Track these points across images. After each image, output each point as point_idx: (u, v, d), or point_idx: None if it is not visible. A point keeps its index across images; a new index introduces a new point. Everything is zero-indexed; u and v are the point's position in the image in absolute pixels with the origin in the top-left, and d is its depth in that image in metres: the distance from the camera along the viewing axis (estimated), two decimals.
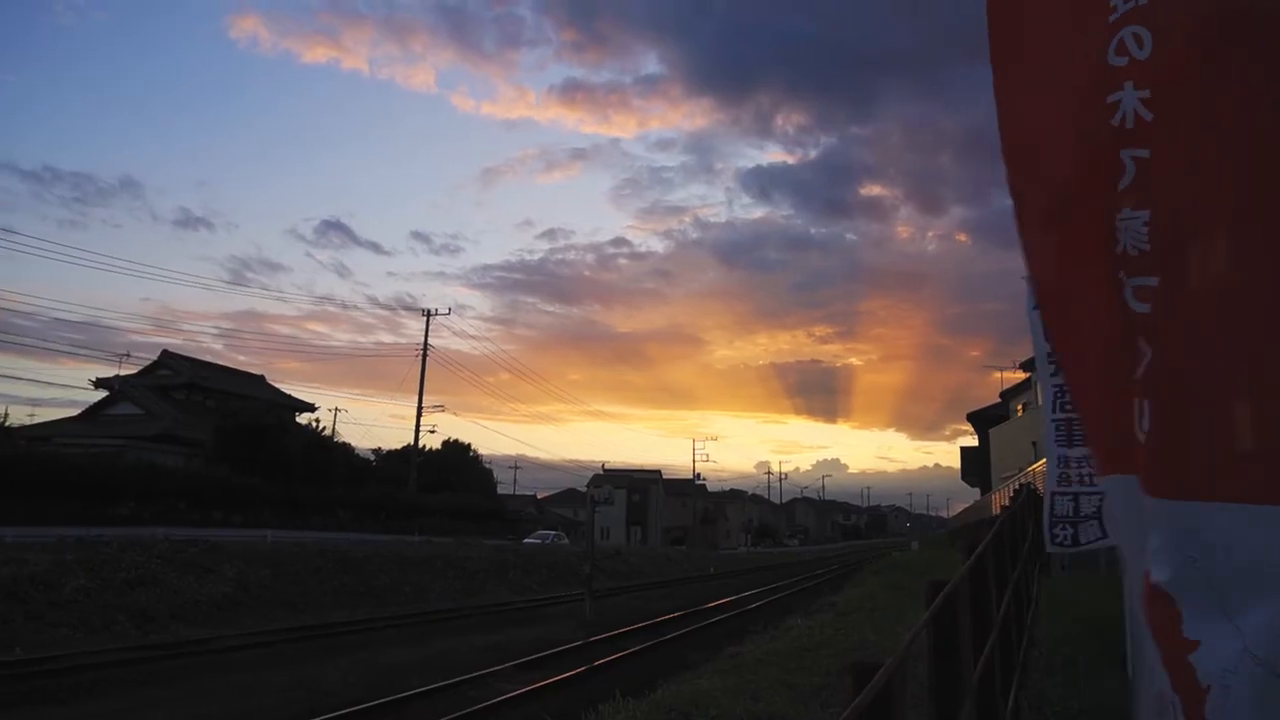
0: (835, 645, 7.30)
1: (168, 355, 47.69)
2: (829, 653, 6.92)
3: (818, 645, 7.39)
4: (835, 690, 5.35)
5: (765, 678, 5.87)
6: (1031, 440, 34.56)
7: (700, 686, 5.82)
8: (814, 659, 6.64)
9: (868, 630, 8.31)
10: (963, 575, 2.99)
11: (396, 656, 13.83)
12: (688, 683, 6.11)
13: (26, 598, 14.92)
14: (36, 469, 24.85)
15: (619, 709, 5.43)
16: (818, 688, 5.51)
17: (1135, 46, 1.30)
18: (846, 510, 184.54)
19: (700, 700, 5.18)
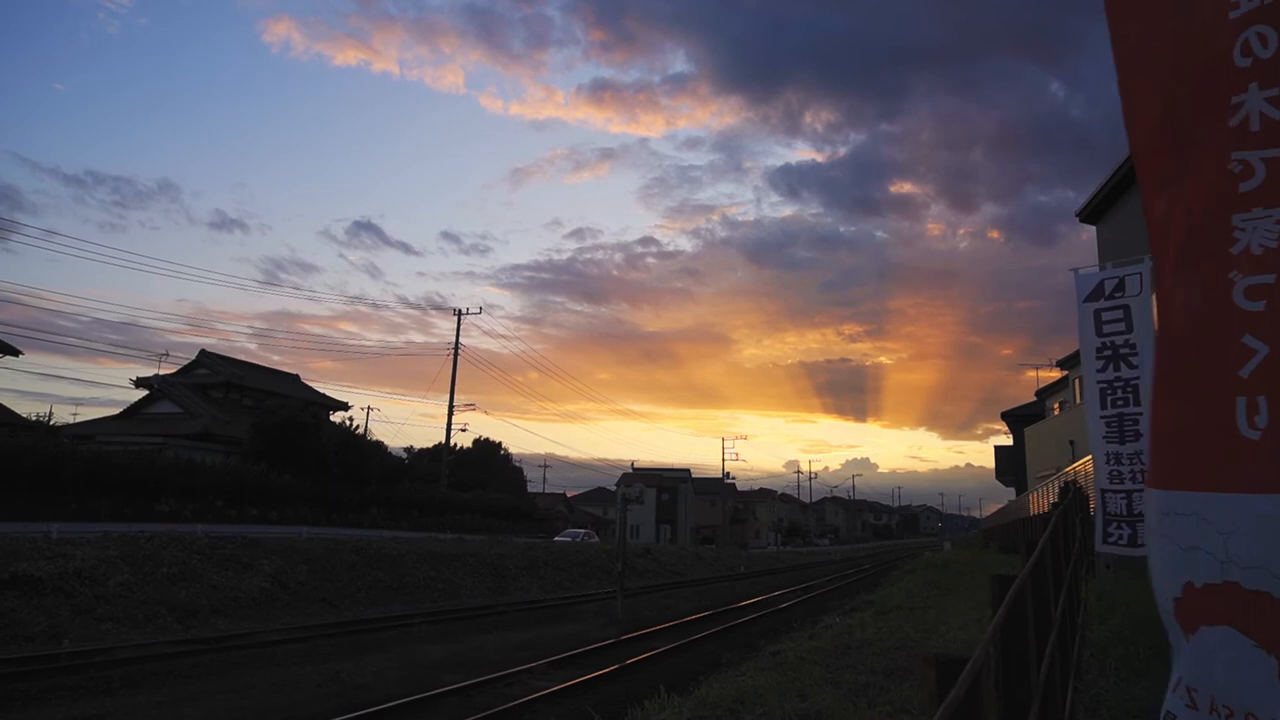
0: (877, 644, 7.22)
1: (205, 355, 48.51)
2: (872, 651, 6.84)
3: (860, 644, 7.30)
4: (881, 689, 5.30)
5: (809, 676, 5.82)
6: (1069, 439, 34.02)
7: (744, 684, 5.78)
8: (857, 657, 6.57)
9: (909, 629, 8.21)
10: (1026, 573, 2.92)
11: (431, 653, 13.94)
12: (731, 681, 6.06)
13: (73, 592, 15.25)
14: (81, 466, 25.39)
15: (664, 705, 5.40)
16: (863, 686, 5.45)
17: (1260, 46, 1.28)
18: (877, 510, 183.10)
19: (746, 698, 5.15)
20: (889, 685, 5.50)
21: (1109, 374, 5.64)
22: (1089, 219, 27.11)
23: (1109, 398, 5.58)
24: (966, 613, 9.10)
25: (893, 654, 6.69)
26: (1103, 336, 5.72)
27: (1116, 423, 5.52)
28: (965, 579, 16.48)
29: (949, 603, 11.15)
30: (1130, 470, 5.45)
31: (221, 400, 46.01)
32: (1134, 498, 5.46)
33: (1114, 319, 5.75)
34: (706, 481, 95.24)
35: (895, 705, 4.93)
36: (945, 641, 7.21)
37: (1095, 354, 5.68)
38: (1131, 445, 5.43)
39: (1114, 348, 5.68)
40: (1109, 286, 5.82)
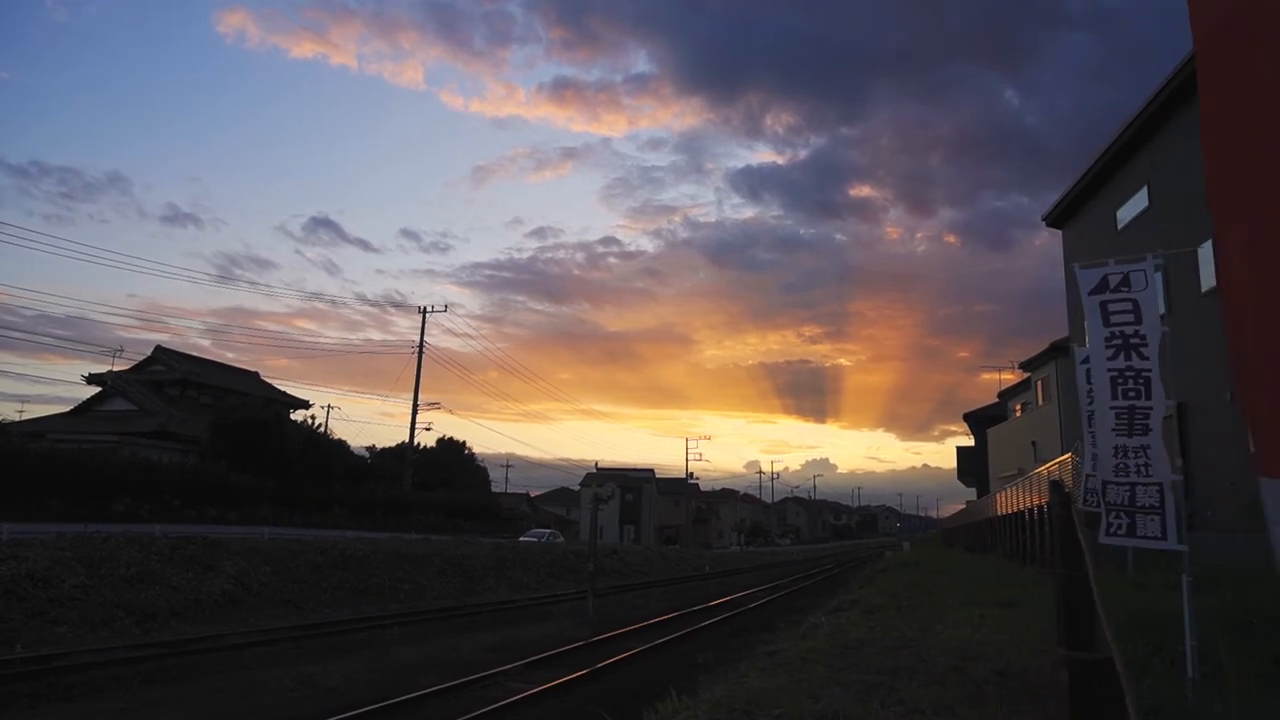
0: (877, 644, 7.16)
1: (161, 351, 47.30)
2: (872, 651, 6.78)
3: (858, 644, 7.24)
4: (890, 689, 5.22)
5: (814, 676, 5.73)
6: (1032, 440, 34.63)
7: (752, 685, 5.67)
8: (859, 657, 6.50)
9: (906, 628, 8.17)
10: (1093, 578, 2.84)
11: (402, 655, 13.64)
12: (737, 682, 5.95)
13: (26, 595, 14.67)
14: (32, 465, 24.56)
15: (678, 709, 5.27)
16: (871, 686, 5.37)
17: None
18: (837, 510, 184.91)
19: (758, 699, 5.04)
20: (897, 685, 5.43)
21: (1120, 362, 5.64)
22: (1055, 223, 27.57)
23: (1120, 387, 5.57)
24: (957, 611, 9.12)
25: (894, 653, 6.63)
26: (1111, 326, 5.72)
27: (1127, 415, 5.53)
28: (942, 578, 16.60)
29: (934, 601, 11.17)
30: (1136, 463, 5.46)
31: (178, 398, 44.89)
32: (1137, 490, 5.47)
33: (1122, 309, 5.75)
34: (670, 482, 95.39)
35: (908, 705, 4.86)
36: (945, 641, 7.19)
37: (1105, 343, 5.68)
38: (1139, 439, 5.44)
39: (1124, 337, 5.69)
40: (1114, 280, 5.82)
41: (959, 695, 5.06)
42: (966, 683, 5.45)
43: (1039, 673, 5.89)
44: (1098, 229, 23.78)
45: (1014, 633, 7.59)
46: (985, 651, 6.56)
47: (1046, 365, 33.45)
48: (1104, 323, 5.74)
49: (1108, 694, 1.45)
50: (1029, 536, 18.76)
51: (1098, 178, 23.35)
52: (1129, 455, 5.49)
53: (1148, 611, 6.85)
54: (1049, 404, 33.09)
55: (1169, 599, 7.05)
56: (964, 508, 57.56)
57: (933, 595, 12.34)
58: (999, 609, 9.47)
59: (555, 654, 13.37)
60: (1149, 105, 19.43)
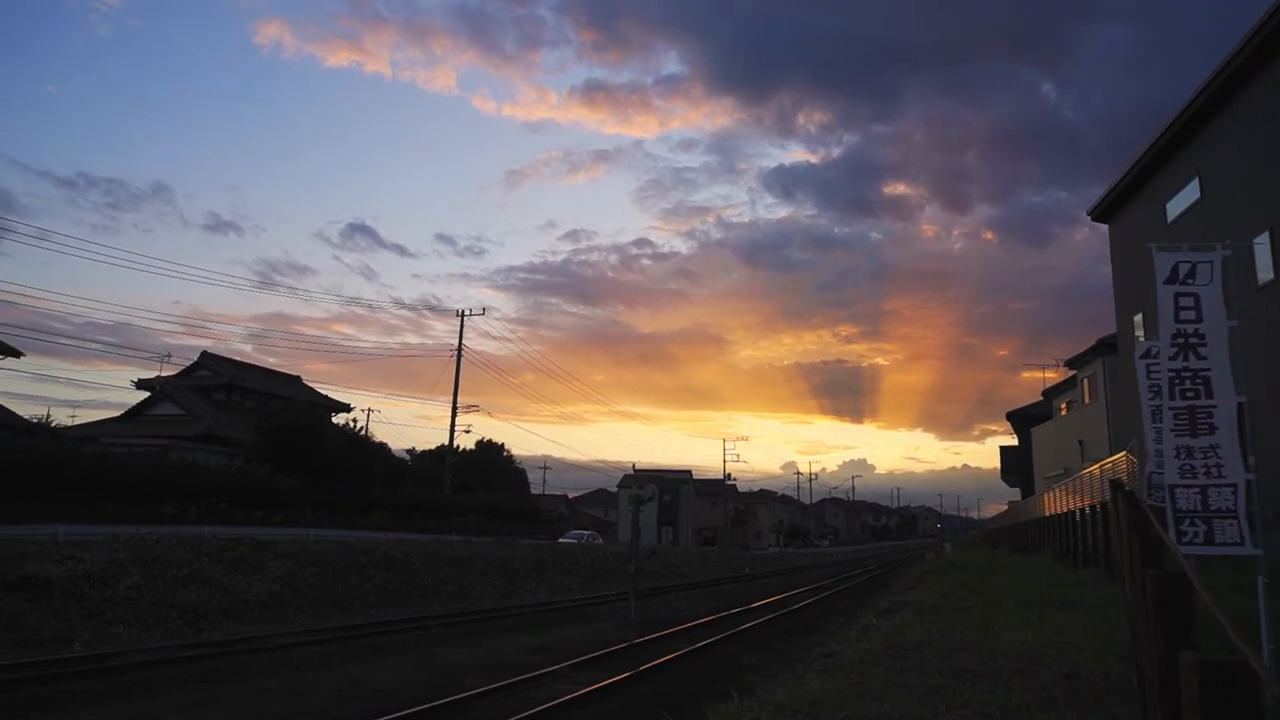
0: (935, 646, 7.01)
1: (207, 356, 48.24)
2: (932, 653, 6.63)
3: (915, 646, 7.10)
4: (955, 692, 5.10)
5: (874, 679, 5.61)
6: (1078, 439, 33.90)
7: (812, 688, 5.57)
8: (918, 659, 6.36)
9: (964, 630, 7.99)
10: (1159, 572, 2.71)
11: (448, 656, 13.71)
12: (796, 684, 5.85)
13: (83, 595, 15.01)
14: (85, 468, 25.12)
15: (741, 710, 5.19)
16: (935, 689, 5.24)
17: None
18: (876, 511, 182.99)
19: (819, 701, 4.94)
20: (961, 688, 5.30)
21: (1179, 363, 5.45)
22: (1100, 218, 26.96)
23: (1178, 388, 5.39)
24: (1013, 613, 8.92)
25: (954, 655, 6.47)
26: (1179, 323, 5.53)
27: (1187, 415, 5.33)
28: (992, 580, 16.29)
29: (988, 603, 10.92)
30: (1204, 464, 5.26)
31: (224, 402, 45.74)
32: (1209, 492, 5.26)
33: (1187, 305, 5.56)
34: (707, 483, 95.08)
35: (974, 708, 4.73)
36: (1005, 643, 7.01)
37: (1170, 340, 5.50)
38: (1205, 439, 5.24)
39: (1185, 336, 5.50)
40: (1183, 271, 5.63)
41: (1026, 698, 4.91)
42: (1033, 686, 5.30)
43: (1106, 675, 5.71)
44: (1146, 222, 23.20)
45: (1075, 635, 7.39)
46: (1048, 654, 6.38)
47: (1093, 362, 32.72)
48: (1174, 318, 5.55)
49: (1243, 701, 1.35)
50: (1080, 537, 18.33)
51: (1146, 170, 22.78)
52: (1195, 456, 5.29)
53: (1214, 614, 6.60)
54: (1096, 402, 32.36)
55: (1236, 602, 6.81)
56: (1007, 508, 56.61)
57: (985, 597, 12.08)
58: (1056, 611, 9.23)
59: (600, 655, 13.34)
60: (1199, 95, 18.90)
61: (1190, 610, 2.40)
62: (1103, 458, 20.36)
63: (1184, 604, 2.37)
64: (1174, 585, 2.40)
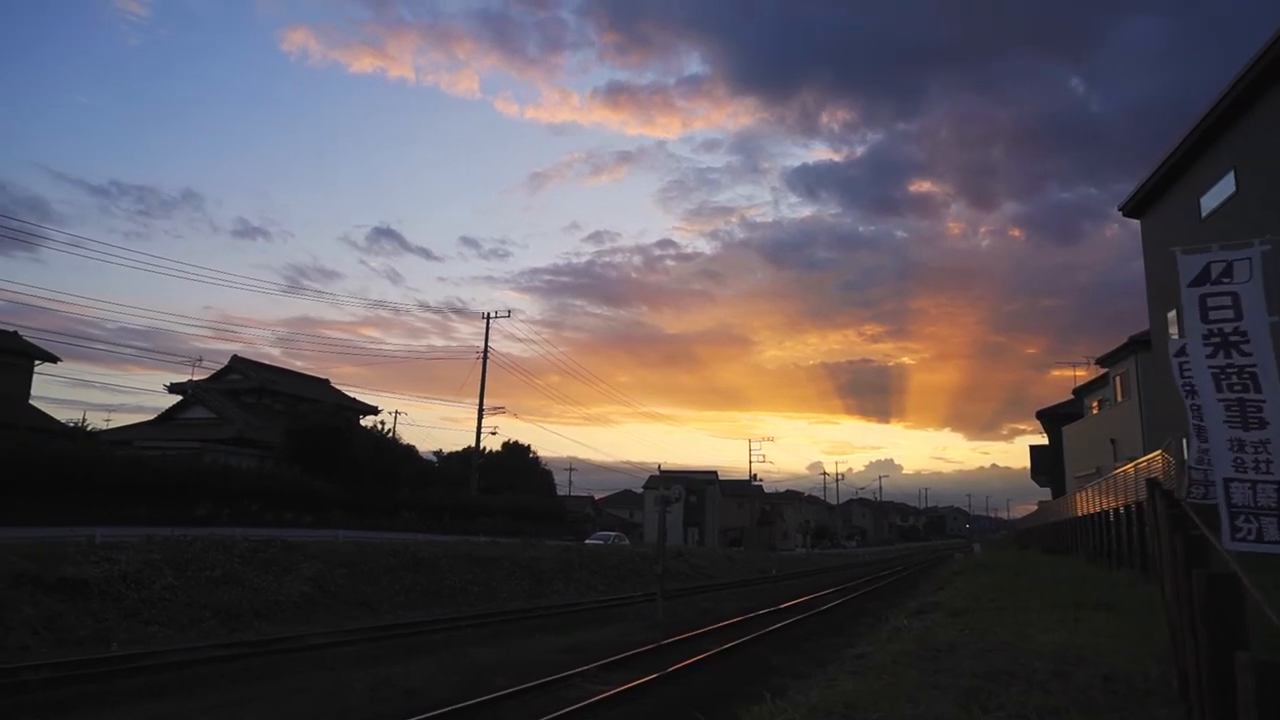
0: (969, 647, 6.92)
1: (237, 360, 48.87)
2: (966, 654, 6.55)
3: (948, 647, 7.02)
4: (990, 694, 5.03)
5: (908, 680, 5.55)
6: (1111, 438, 33.40)
7: (845, 689, 5.53)
8: (951, 661, 6.29)
9: (998, 632, 7.89)
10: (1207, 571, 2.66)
11: (478, 656, 13.78)
12: (829, 685, 5.82)
13: (120, 596, 15.27)
14: (120, 471, 25.55)
15: (775, 711, 5.17)
16: (970, 690, 5.17)
17: None
18: (904, 511, 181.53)
19: (853, 702, 4.90)
20: (997, 689, 5.22)
21: (1219, 360, 5.36)
22: (1132, 213, 26.54)
23: (1224, 383, 5.29)
24: (1048, 614, 8.80)
25: (989, 656, 6.39)
26: (1209, 323, 5.43)
27: (1238, 407, 5.23)
28: (1023, 581, 16.09)
29: (1021, 604, 10.78)
30: (1254, 459, 5.16)
31: (254, 405, 46.30)
32: (1259, 489, 5.15)
33: (1221, 305, 5.46)
34: (733, 484, 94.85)
35: (1011, 710, 4.67)
36: (1040, 644, 6.91)
37: (1203, 340, 5.40)
38: (1256, 433, 5.13)
39: (1223, 335, 5.40)
40: (1215, 270, 5.53)
41: (1064, 701, 4.84)
42: (1070, 688, 5.22)
43: (1146, 678, 5.62)
44: (1180, 218, 22.81)
45: (1112, 636, 7.27)
46: (1085, 656, 6.29)
47: (1126, 360, 32.23)
48: (1202, 318, 5.45)
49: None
50: (1115, 537, 18.05)
51: (1179, 164, 22.40)
52: (1246, 450, 5.19)
53: (1260, 613, 6.47)
54: (1129, 400, 31.87)
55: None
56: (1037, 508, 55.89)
57: (1017, 598, 11.94)
58: (1091, 612, 9.09)
59: (628, 656, 13.34)
60: (1235, 86, 18.55)
61: (1240, 610, 2.35)
62: (1136, 457, 20.04)
63: (1234, 604, 2.32)
64: (1224, 585, 2.35)
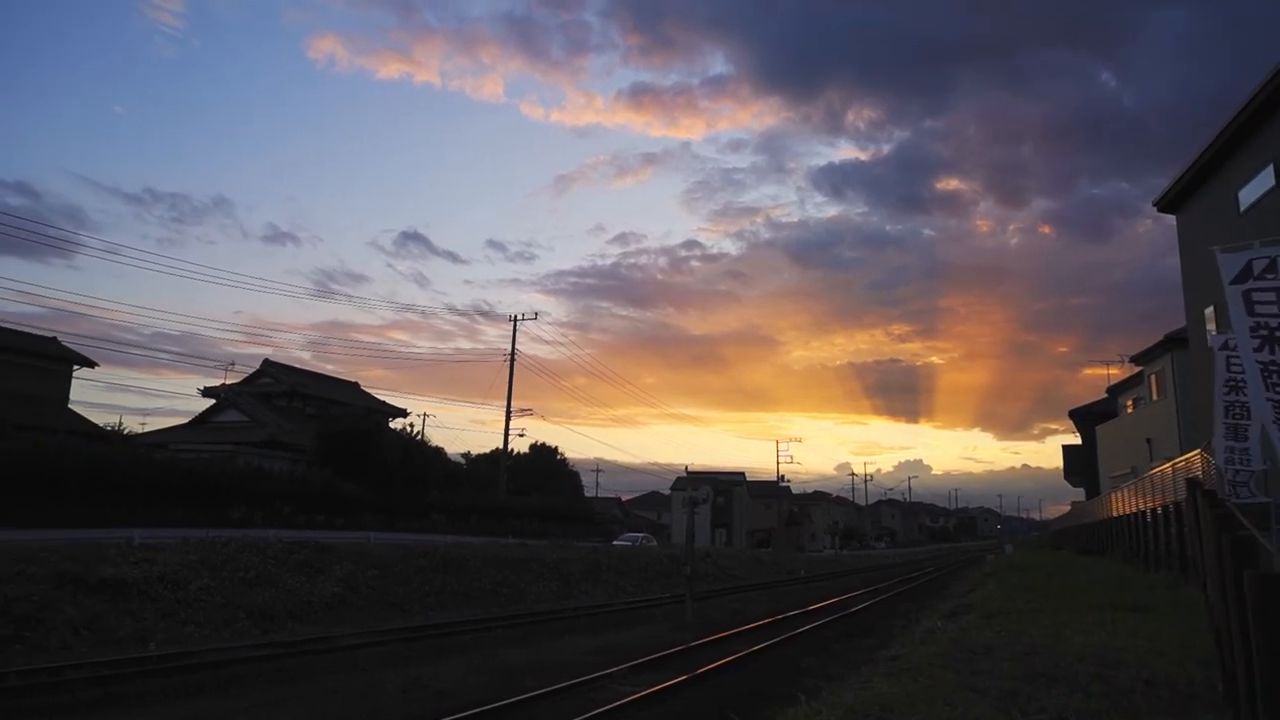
0: (1006, 649, 6.83)
1: (269, 364, 49.51)
2: (1003, 657, 6.46)
3: (983, 649, 6.92)
4: (1029, 697, 4.95)
5: (944, 682, 5.48)
6: (1146, 437, 32.83)
7: (880, 690, 5.47)
8: (988, 663, 6.20)
9: (1034, 634, 7.78)
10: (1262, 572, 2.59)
11: (508, 657, 13.82)
12: (864, 687, 5.76)
13: (158, 596, 15.51)
14: (156, 474, 26.00)
15: (812, 713, 5.12)
16: (1008, 693, 5.10)
17: None
18: (933, 512, 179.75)
19: (889, 705, 4.85)
20: (1036, 692, 5.14)
21: (1265, 355, 5.25)
22: (1167, 208, 26.07)
23: (1269, 380, 5.17)
24: (1085, 616, 8.66)
25: (1027, 659, 6.30)
26: (1255, 317, 5.32)
27: None
28: (1058, 582, 15.85)
29: (1057, 606, 10.62)
30: None
31: (285, 408, 46.88)
32: None
33: (1266, 300, 5.35)
34: (761, 485, 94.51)
35: (1051, 714, 4.59)
36: (1078, 647, 6.80)
37: (1250, 333, 5.29)
38: None
39: (1269, 329, 5.28)
40: (1258, 267, 5.42)
41: (1105, 704, 4.76)
42: (1111, 691, 5.13)
43: (1189, 681, 5.50)
44: (1216, 212, 22.38)
45: (1152, 639, 7.13)
46: (1125, 658, 6.17)
47: (1161, 358, 31.66)
48: (1248, 312, 5.34)
49: None
50: (1152, 538, 17.73)
51: (1216, 157, 21.97)
52: None
53: None
54: (1165, 399, 31.30)
55: None
56: (1070, 509, 55.11)
57: (1053, 600, 11.75)
58: (1130, 614, 8.92)
59: (658, 657, 13.32)
60: (1275, 78, 18.16)
61: None
62: (1173, 456, 19.68)
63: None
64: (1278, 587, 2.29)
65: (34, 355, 36.23)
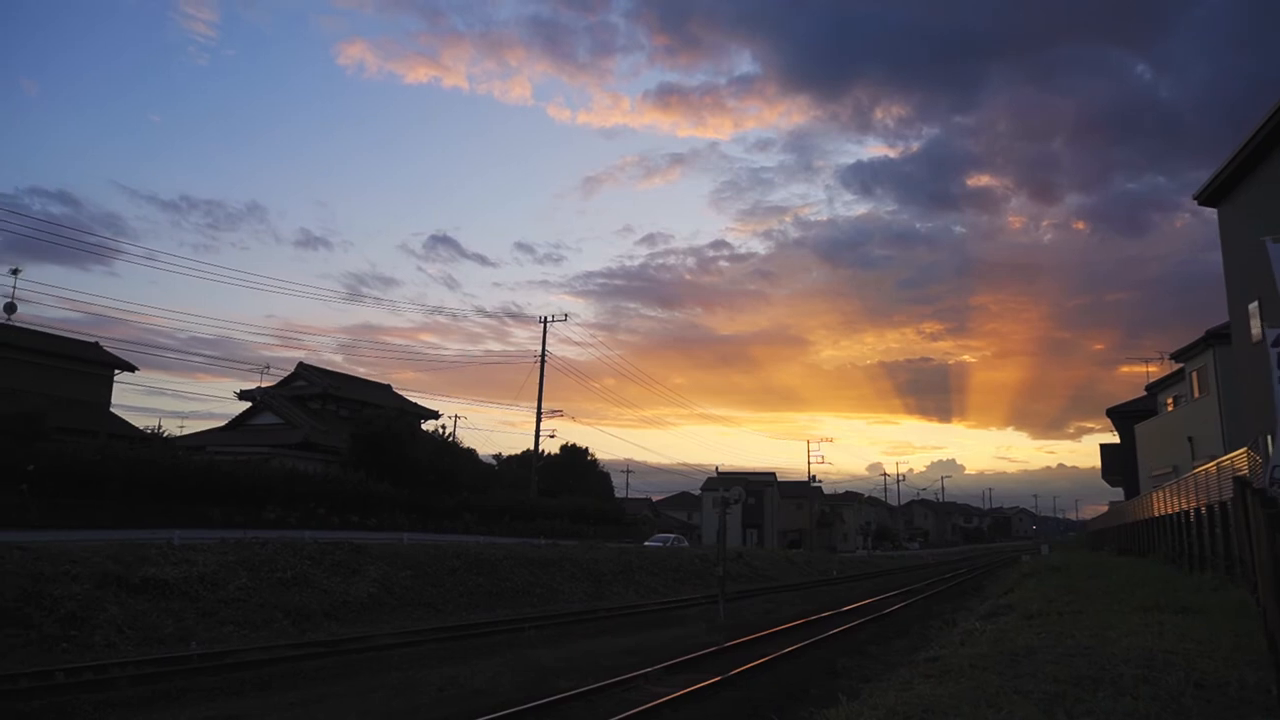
0: (1049, 651, 6.70)
1: (303, 367, 50.14)
2: (1047, 659, 6.35)
3: (1026, 651, 6.80)
4: (1077, 699, 4.86)
5: (987, 684, 5.39)
6: (1188, 435, 32.14)
7: (922, 692, 5.40)
8: (1032, 665, 6.09)
9: (1077, 635, 7.63)
10: None
11: (541, 657, 13.87)
12: (905, 688, 5.69)
13: (197, 596, 15.78)
14: (195, 476, 26.44)
15: (850, 714, 5.07)
16: (1055, 696, 5.00)
17: None
18: (967, 512, 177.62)
19: (931, 706, 4.78)
20: (1083, 695, 5.04)
21: None
22: (1208, 201, 25.48)
23: None
24: (1129, 617, 8.47)
25: (1071, 661, 6.18)
26: None
27: None
28: (1098, 583, 15.58)
29: (1099, 608, 10.42)
30: None
31: (319, 411, 47.44)
32: None
33: None
34: (792, 485, 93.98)
35: (1099, 717, 4.49)
36: (1124, 649, 6.65)
37: None
38: None
39: None
40: None
41: (1154, 707, 4.65)
42: (1160, 694, 5.01)
43: (1241, 684, 5.37)
44: (1262, 204, 21.84)
45: (1201, 641, 6.96)
46: (1174, 661, 6.03)
47: (1202, 355, 30.97)
48: None
49: None
50: (1195, 539, 17.35)
51: (1261, 147, 21.41)
52: None
53: None
54: (1207, 396, 30.61)
55: None
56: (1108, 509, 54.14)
57: (1094, 601, 11.54)
58: (1176, 616, 8.73)
59: (691, 658, 13.29)
60: None
61: None
62: (1217, 455, 19.25)
63: None
64: None
65: (77, 360, 37.05)
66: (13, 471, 21.97)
